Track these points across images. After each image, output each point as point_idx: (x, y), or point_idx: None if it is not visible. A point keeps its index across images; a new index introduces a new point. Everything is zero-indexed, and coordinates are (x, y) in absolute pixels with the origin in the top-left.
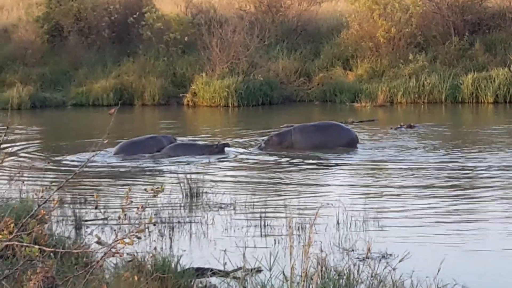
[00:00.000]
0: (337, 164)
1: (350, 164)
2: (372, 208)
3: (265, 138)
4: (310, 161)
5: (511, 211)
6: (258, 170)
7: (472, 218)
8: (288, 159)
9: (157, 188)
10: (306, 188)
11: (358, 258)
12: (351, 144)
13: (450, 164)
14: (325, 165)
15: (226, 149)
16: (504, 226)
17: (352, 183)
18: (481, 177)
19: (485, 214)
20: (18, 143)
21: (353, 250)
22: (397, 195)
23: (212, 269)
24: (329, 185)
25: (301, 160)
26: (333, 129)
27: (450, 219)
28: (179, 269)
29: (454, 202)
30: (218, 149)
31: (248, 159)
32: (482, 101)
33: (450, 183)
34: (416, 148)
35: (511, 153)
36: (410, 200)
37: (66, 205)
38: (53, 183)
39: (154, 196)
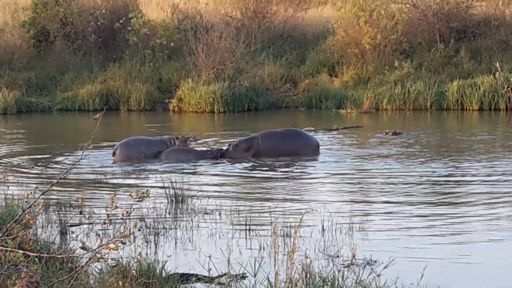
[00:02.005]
0: (321, 172)
1: (335, 172)
2: (356, 215)
3: (232, 143)
4: (294, 168)
5: (495, 217)
6: (243, 177)
7: (456, 226)
8: (272, 166)
9: (142, 193)
10: (291, 194)
11: (342, 264)
12: (315, 152)
13: (435, 172)
14: (309, 172)
15: None
16: (489, 233)
17: (337, 191)
18: (466, 185)
19: (469, 221)
20: (3, 148)
21: (337, 257)
22: (382, 202)
23: (197, 275)
24: (314, 192)
25: (285, 167)
26: (298, 136)
27: (435, 226)
28: (164, 274)
29: (439, 210)
30: (212, 155)
31: (234, 166)
32: (467, 108)
33: (435, 191)
34: (400, 156)
35: (495, 161)
36: (394, 207)
37: (51, 210)
38: (38, 188)
39: (139, 201)
